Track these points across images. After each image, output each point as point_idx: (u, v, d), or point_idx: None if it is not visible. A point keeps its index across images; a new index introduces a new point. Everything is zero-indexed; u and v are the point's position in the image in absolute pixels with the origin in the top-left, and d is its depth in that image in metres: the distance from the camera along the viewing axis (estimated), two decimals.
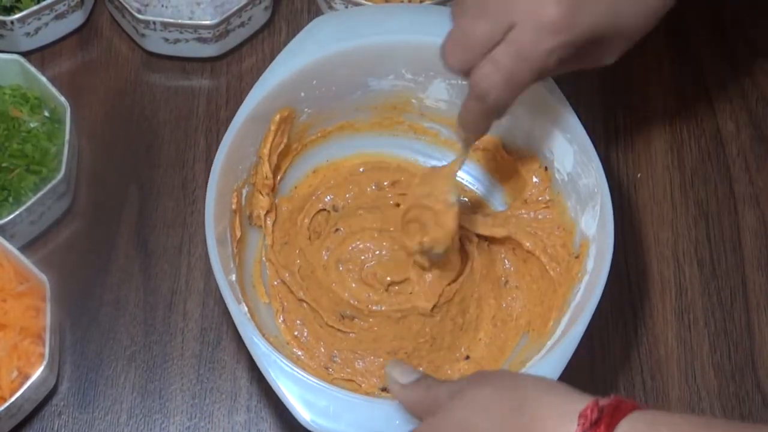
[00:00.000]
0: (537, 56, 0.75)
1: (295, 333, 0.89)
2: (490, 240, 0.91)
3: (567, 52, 0.75)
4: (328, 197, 0.93)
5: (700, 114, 1.01)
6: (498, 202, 0.94)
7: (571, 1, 0.74)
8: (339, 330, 0.88)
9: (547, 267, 0.88)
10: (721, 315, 0.93)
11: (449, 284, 0.89)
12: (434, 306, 0.88)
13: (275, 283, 0.90)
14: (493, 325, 0.89)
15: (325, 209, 0.93)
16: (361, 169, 0.95)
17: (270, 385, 0.78)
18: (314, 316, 0.88)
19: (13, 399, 0.83)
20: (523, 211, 0.90)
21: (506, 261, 0.91)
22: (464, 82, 0.89)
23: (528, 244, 0.89)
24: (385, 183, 0.94)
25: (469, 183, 0.95)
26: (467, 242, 0.90)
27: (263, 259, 0.91)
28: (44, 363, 0.84)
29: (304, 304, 0.89)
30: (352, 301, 0.88)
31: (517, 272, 0.91)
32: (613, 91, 1.02)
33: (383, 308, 0.88)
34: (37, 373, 0.83)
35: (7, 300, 0.86)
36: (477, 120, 0.81)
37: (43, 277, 0.85)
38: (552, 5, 0.74)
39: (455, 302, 0.89)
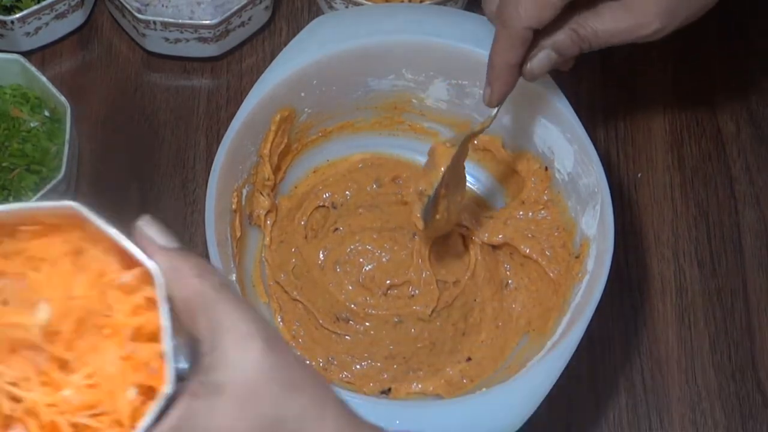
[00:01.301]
0: None
1: (293, 333, 0.89)
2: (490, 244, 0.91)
3: None
4: (327, 194, 0.93)
5: (701, 114, 1.01)
6: (499, 203, 0.94)
7: None
8: (334, 332, 0.88)
9: (546, 269, 0.88)
10: (722, 315, 0.93)
11: (453, 284, 0.89)
12: (433, 311, 0.88)
13: (272, 283, 0.90)
14: (495, 326, 0.89)
15: (323, 206, 0.93)
16: (360, 166, 0.95)
17: None
18: (309, 317, 0.88)
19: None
20: (521, 213, 0.90)
21: (506, 264, 0.91)
22: (465, 82, 0.90)
23: (526, 249, 0.89)
24: (386, 179, 0.94)
25: (470, 183, 0.95)
26: (471, 244, 0.90)
27: (262, 258, 0.91)
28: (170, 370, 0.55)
29: (300, 305, 0.89)
30: (348, 304, 0.88)
31: (516, 275, 0.91)
32: (613, 91, 1.02)
33: (380, 312, 0.88)
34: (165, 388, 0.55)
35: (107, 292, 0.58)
36: (504, 57, 0.80)
37: (153, 264, 0.58)
38: None
39: (456, 307, 0.89)
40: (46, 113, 0.96)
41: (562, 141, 0.88)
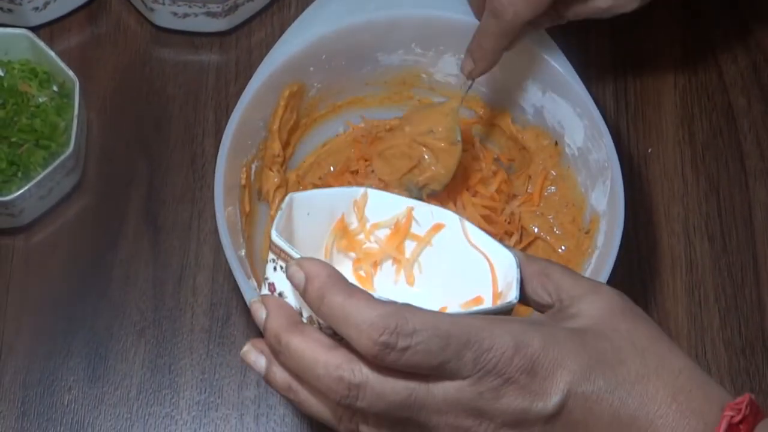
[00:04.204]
0: None
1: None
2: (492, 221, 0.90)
3: None
4: (332, 167, 0.93)
5: (711, 89, 1.01)
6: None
7: None
8: None
9: (554, 247, 0.88)
10: (732, 291, 0.93)
11: None
12: None
13: None
14: None
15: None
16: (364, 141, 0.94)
17: None
18: None
19: None
20: (530, 188, 0.90)
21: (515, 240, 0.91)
22: None
23: (533, 227, 0.89)
24: None
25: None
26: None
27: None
28: None
29: None
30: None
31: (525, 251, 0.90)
32: (623, 66, 1.01)
33: None
34: None
35: None
36: (491, 43, 0.80)
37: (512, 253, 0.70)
38: None
39: None
40: (55, 88, 0.96)
41: (573, 116, 0.87)
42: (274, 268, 0.63)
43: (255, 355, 0.62)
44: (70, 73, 0.93)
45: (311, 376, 0.59)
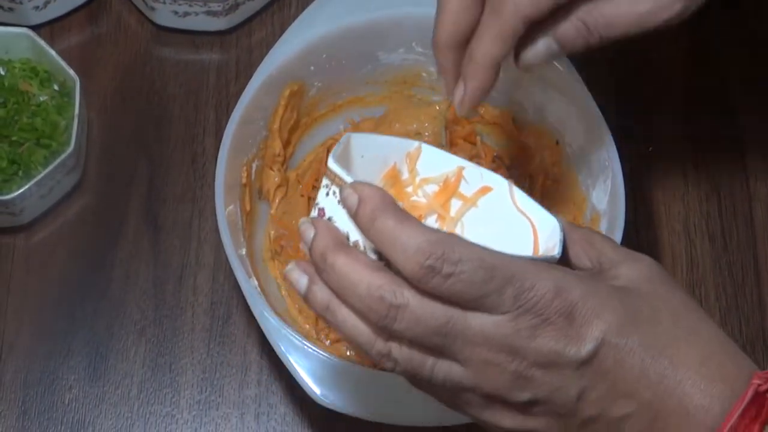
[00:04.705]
0: None
1: (298, 307, 0.88)
2: None
3: None
4: None
5: (713, 87, 1.01)
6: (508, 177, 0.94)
7: None
8: None
9: None
10: (733, 290, 0.93)
11: None
12: None
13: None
14: None
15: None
16: None
17: (280, 360, 0.78)
18: None
19: None
20: (531, 187, 0.90)
21: None
22: None
23: None
24: None
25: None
26: None
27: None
28: None
29: None
30: None
31: None
32: (624, 64, 1.01)
33: None
34: None
35: None
36: (486, 48, 0.70)
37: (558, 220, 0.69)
38: None
39: None
40: (56, 87, 0.96)
41: (573, 114, 0.87)
42: (326, 194, 0.64)
43: (298, 274, 0.62)
44: (71, 72, 0.93)
45: (353, 295, 0.59)
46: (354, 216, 0.61)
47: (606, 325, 0.59)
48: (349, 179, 0.62)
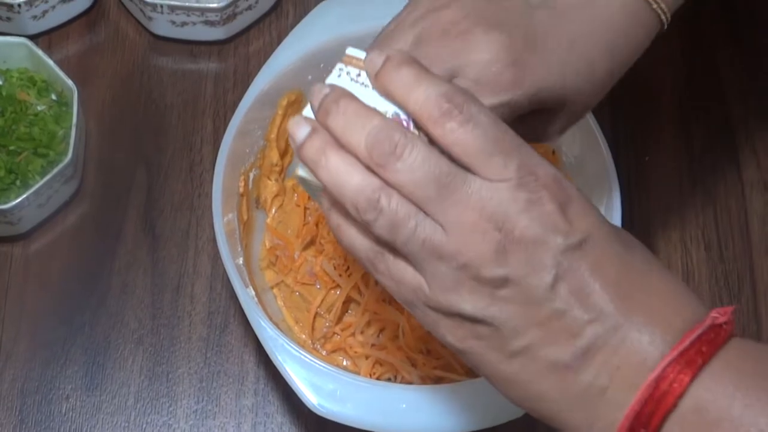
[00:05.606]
0: None
1: (295, 318, 0.88)
2: None
3: (506, 113, 0.69)
4: None
5: (708, 98, 1.01)
6: None
7: (517, 55, 0.68)
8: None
9: None
10: (728, 300, 0.93)
11: None
12: None
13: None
14: None
15: None
16: None
17: (277, 369, 0.78)
18: (307, 305, 0.88)
19: None
20: None
21: None
22: None
23: None
24: None
25: None
26: None
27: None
28: None
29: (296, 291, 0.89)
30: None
31: None
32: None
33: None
34: None
35: None
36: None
37: None
38: (497, 58, 0.68)
39: None
40: (53, 97, 0.96)
41: None
42: (339, 75, 0.64)
43: (299, 124, 0.62)
44: (69, 81, 0.93)
45: (362, 128, 0.60)
46: (380, 71, 0.61)
47: (596, 224, 0.60)
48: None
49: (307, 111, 0.64)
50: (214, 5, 0.98)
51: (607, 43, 0.71)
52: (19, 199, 0.89)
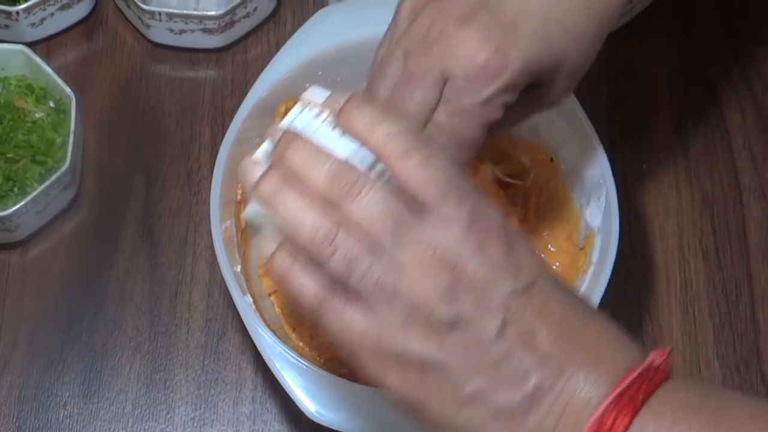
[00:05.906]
0: (477, 109, 0.71)
1: (292, 324, 0.88)
2: None
3: (508, 96, 0.70)
4: None
5: (705, 104, 1.01)
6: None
7: (497, 40, 0.69)
8: None
9: (549, 263, 0.88)
10: (726, 307, 0.93)
11: None
12: None
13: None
14: None
15: None
16: None
17: (275, 376, 0.78)
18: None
19: None
20: (524, 204, 0.90)
21: None
22: None
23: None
24: None
25: None
26: None
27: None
28: None
29: None
30: None
31: None
32: (617, 82, 1.01)
33: None
34: None
35: None
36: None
37: None
38: (477, 49, 0.69)
39: None
40: (51, 104, 0.96)
41: (567, 132, 0.88)
42: (300, 112, 0.65)
43: (254, 164, 0.63)
44: (67, 88, 0.93)
45: (321, 165, 0.61)
46: (344, 107, 0.62)
47: (541, 269, 0.60)
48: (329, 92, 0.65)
49: (258, 154, 0.64)
50: (213, 13, 0.98)
51: None
52: (17, 207, 0.89)
